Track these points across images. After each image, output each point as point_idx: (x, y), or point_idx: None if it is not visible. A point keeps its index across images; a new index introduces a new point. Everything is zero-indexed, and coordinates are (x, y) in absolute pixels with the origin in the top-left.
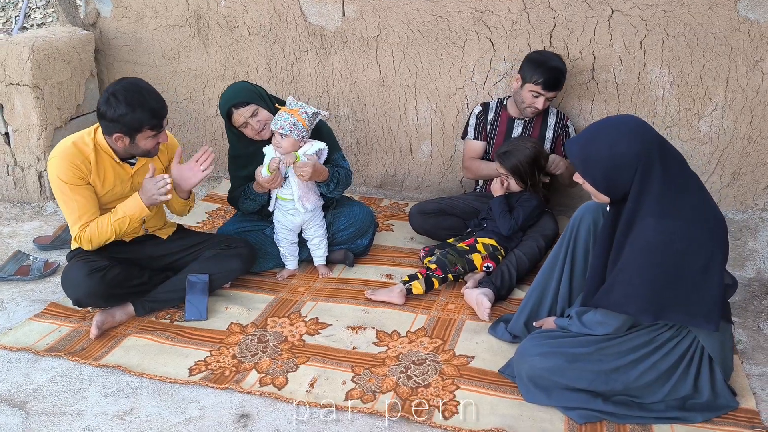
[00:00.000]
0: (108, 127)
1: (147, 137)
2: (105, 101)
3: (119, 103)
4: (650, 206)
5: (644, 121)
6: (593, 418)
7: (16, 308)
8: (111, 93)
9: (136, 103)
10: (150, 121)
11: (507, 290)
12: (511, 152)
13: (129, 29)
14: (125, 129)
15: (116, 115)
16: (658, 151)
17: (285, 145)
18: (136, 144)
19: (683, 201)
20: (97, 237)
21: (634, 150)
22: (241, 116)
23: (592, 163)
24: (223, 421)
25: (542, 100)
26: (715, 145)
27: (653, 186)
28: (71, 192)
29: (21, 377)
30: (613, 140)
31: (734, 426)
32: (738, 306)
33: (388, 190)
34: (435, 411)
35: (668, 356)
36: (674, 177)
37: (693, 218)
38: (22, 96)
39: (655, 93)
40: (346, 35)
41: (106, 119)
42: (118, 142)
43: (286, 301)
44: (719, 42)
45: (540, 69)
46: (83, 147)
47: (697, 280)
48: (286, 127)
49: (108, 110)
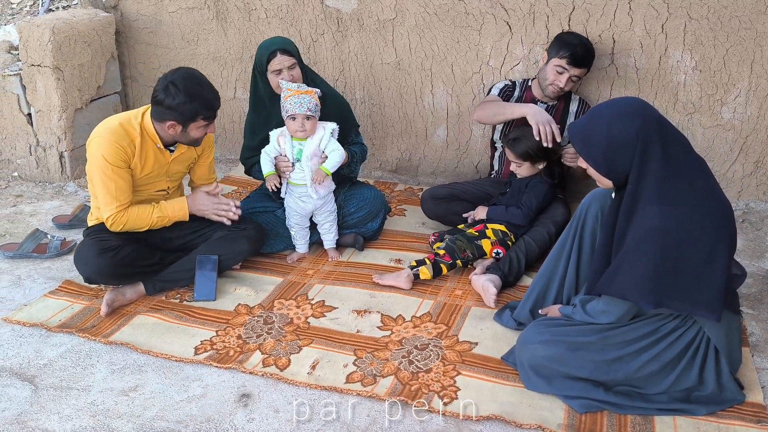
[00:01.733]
0: (162, 114)
1: (199, 127)
2: (163, 89)
3: (179, 92)
4: (650, 191)
5: (646, 102)
6: (594, 407)
7: (32, 285)
8: (170, 81)
9: (194, 93)
10: (206, 112)
11: (515, 277)
12: (519, 138)
13: (149, 11)
14: (180, 118)
15: (174, 104)
16: (658, 134)
17: (310, 127)
18: (187, 132)
19: (686, 186)
20: (134, 223)
21: (631, 131)
22: (282, 63)
23: (591, 144)
24: (224, 400)
25: (566, 78)
26: (738, 133)
27: (653, 169)
28: (112, 173)
29: (33, 352)
30: (610, 121)
31: (739, 420)
32: (753, 298)
33: (403, 174)
34: (434, 396)
35: (672, 346)
36: (676, 160)
37: (696, 204)
38: (43, 77)
39: (677, 78)
40: (362, 18)
41: (163, 106)
42: (170, 130)
43: (294, 283)
44: (744, 26)
45: (567, 44)
46: (130, 130)
47: (701, 269)
48: (312, 108)
49: (167, 98)
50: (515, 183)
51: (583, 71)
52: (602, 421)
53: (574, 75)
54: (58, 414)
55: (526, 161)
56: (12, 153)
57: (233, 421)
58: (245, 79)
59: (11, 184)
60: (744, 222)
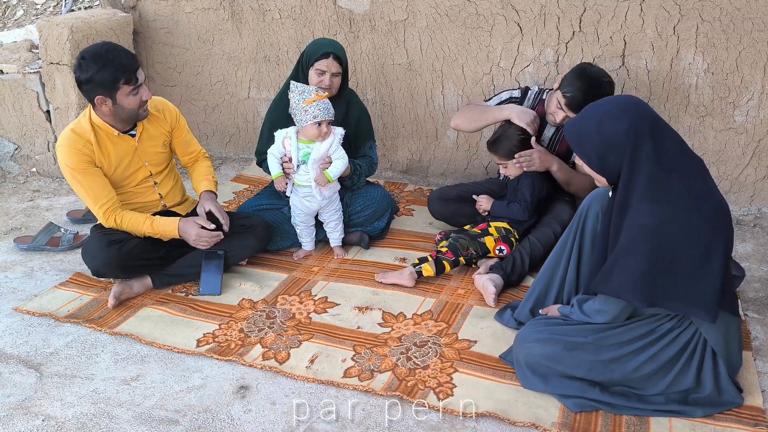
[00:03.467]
0: (88, 92)
1: (126, 94)
2: (77, 66)
3: (88, 63)
4: (643, 189)
5: (640, 100)
6: (589, 407)
7: (44, 276)
8: (81, 57)
9: (104, 59)
10: (123, 75)
11: (518, 277)
12: (499, 139)
13: (167, 12)
14: (102, 89)
15: (89, 76)
16: (650, 132)
17: (330, 131)
18: (119, 105)
19: (680, 185)
20: (126, 227)
21: (622, 128)
22: (330, 67)
23: (584, 142)
24: (223, 391)
25: (561, 116)
26: (751, 136)
27: (645, 167)
28: (82, 177)
29: (40, 341)
30: (602, 119)
31: (737, 423)
32: (760, 303)
33: (413, 175)
34: (430, 392)
35: (669, 347)
36: (669, 159)
37: (691, 203)
38: (62, 75)
39: (688, 81)
40: (374, 19)
41: (83, 83)
42: (102, 107)
43: (299, 280)
44: (757, 28)
45: (575, 84)
46: (81, 131)
47: (696, 269)
48: (331, 113)
49: (82, 74)
50: (511, 183)
51: (572, 112)
52: (597, 420)
53: (569, 114)
54: (61, 401)
55: (511, 159)
56: (31, 149)
57: (230, 411)
58: (259, 80)
59: (29, 179)
60: (756, 227)
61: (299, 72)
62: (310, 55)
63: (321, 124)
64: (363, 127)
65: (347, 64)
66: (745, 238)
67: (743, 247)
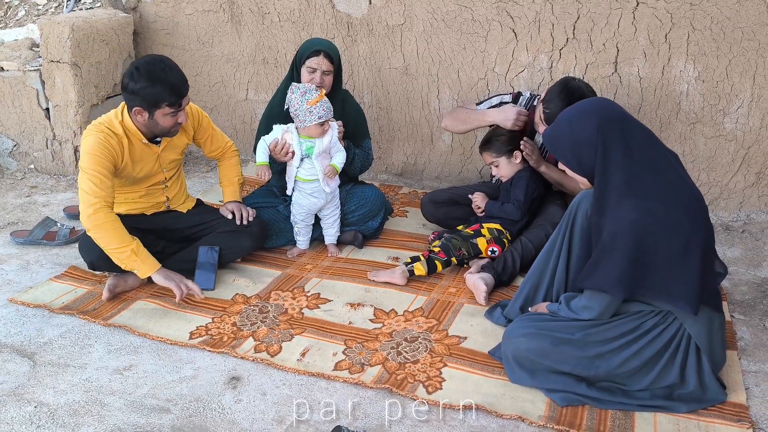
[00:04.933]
0: (129, 100)
1: (165, 114)
2: (129, 74)
3: (141, 76)
4: (619, 184)
5: (607, 100)
6: (575, 401)
7: (39, 269)
8: (135, 66)
9: (156, 77)
10: (169, 97)
11: (509, 277)
12: (490, 139)
13: (167, 14)
14: (144, 103)
15: (137, 88)
16: (620, 130)
17: (327, 127)
18: (154, 120)
19: (655, 178)
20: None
21: (590, 127)
22: (320, 65)
23: (558, 145)
24: (214, 382)
25: (542, 128)
26: (740, 144)
27: (617, 162)
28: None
29: (34, 331)
30: (571, 121)
31: (720, 419)
32: (746, 304)
33: (408, 178)
34: (419, 385)
35: (653, 344)
36: (641, 153)
37: (668, 196)
38: (62, 73)
39: (679, 88)
40: (371, 23)
41: (128, 91)
42: (138, 116)
43: (292, 276)
44: (747, 37)
45: (555, 101)
46: (115, 130)
47: (675, 262)
48: (332, 111)
49: (130, 82)
50: (504, 184)
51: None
52: (583, 414)
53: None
54: (54, 388)
55: (503, 156)
56: (29, 146)
57: (221, 401)
58: (257, 81)
59: (27, 175)
60: (744, 233)
61: (293, 71)
62: (302, 53)
63: (324, 123)
64: (360, 126)
65: (340, 63)
66: (733, 243)
67: (732, 252)
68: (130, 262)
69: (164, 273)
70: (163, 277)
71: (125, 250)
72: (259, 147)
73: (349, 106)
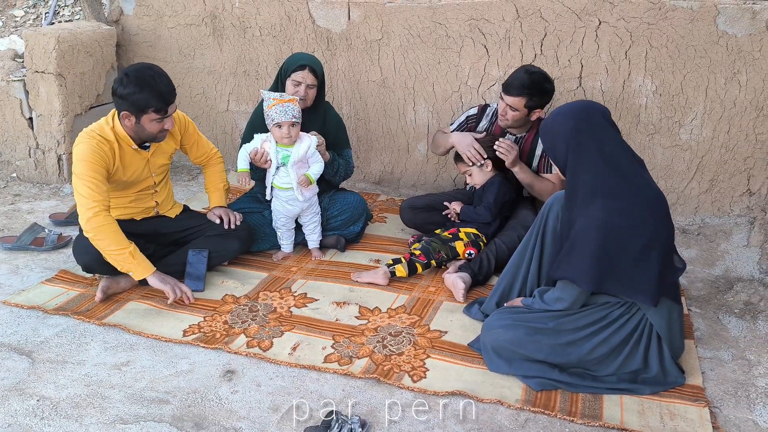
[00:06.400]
0: (118, 104)
1: (152, 120)
2: (119, 80)
3: (130, 81)
4: (589, 184)
5: (595, 107)
6: (549, 386)
7: (29, 274)
8: (125, 72)
9: (145, 83)
10: (156, 103)
11: (485, 276)
12: None
13: (149, 26)
14: (132, 108)
15: (125, 93)
16: (593, 134)
17: (295, 133)
18: (141, 125)
19: (623, 181)
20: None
21: (567, 127)
22: (305, 78)
23: (544, 128)
24: (210, 375)
25: (503, 106)
26: (695, 153)
27: (587, 164)
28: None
29: (30, 330)
30: (555, 116)
31: (679, 399)
32: (702, 299)
33: (385, 186)
34: (405, 375)
35: (619, 331)
36: (611, 158)
37: (636, 197)
38: (46, 83)
39: (639, 101)
40: (350, 38)
41: (117, 96)
42: (125, 120)
43: (279, 278)
44: (699, 54)
45: (516, 72)
46: (106, 137)
47: (638, 257)
48: (297, 116)
49: (119, 87)
50: (478, 191)
51: (516, 100)
52: (556, 398)
53: (509, 104)
54: (54, 383)
55: (473, 166)
56: (12, 155)
57: (218, 392)
58: (238, 93)
59: (9, 184)
60: (699, 235)
61: (278, 83)
62: (287, 66)
63: (281, 126)
64: (340, 136)
65: (323, 78)
66: (690, 245)
67: (688, 253)
68: (127, 264)
69: (159, 276)
70: (158, 279)
71: (123, 253)
72: (240, 154)
73: (329, 117)
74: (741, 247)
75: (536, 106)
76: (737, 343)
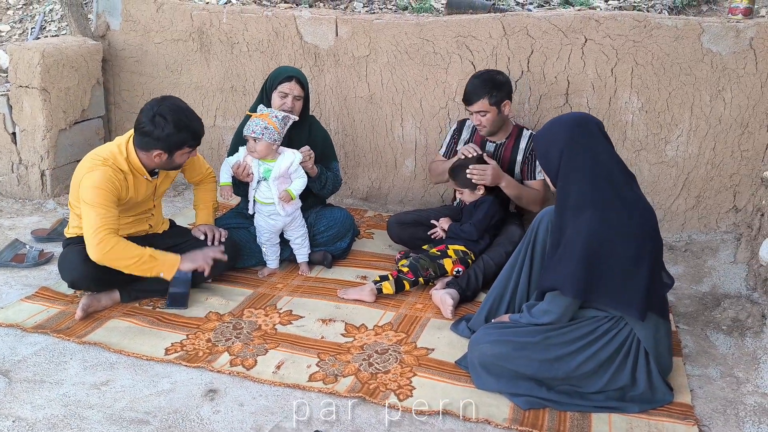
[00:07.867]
0: (149, 144)
1: (183, 153)
2: (150, 120)
3: (167, 123)
4: (579, 194)
5: (588, 118)
6: (537, 404)
7: (9, 291)
8: (157, 113)
9: (182, 124)
10: (192, 142)
11: (473, 292)
12: (458, 172)
13: (136, 42)
14: (167, 147)
15: (163, 135)
16: (587, 146)
17: (260, 148)
18: (172, 159)
19: (614, 194)
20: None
21: (562, 137)
22: (292, 90)
23: (539, 134)
24: (191, 395)
25: (474, 117)
26: (681, 170)
27: (579, 174)
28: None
29: (7, 349)
30: (552, 125)
31: (668, 417)
32: (690, 316)
33: (373, 202)
34: (391, 394)
35: (606, 346)
36: (603, 170)
37: (623, 209)
38: (30, 98)
39: (625, 118)
40: (338, 54)
41: (152, 137)
42: (156, 159)
43: (264, 295)
44: (684, 72)
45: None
46: (121, 167)
47: (627, 270)
48: (257, 131)
49: (155, 129)
50: (467, 207)
51: (479, 104)
52: (544, 416)
53: (476, 112)
54: (31, 404)
55: (467, 188)
56: None
57: (199, 412)
58: (225, 108)
59: None
60: (686, 251)
61: (263, 96)
62: (273, 78)
63: (248, 139)
64: (327, 149)
65: (309, 90)
66: (677, 262)
67: (675, 269)
68: (153, 267)
69: (187, 259)
70: (190, 261)
71: (143, 257)
72: (223, 168)
73: (315, 130)
74: (728, 263)
75: (501, 99)
76: (725, 360)
